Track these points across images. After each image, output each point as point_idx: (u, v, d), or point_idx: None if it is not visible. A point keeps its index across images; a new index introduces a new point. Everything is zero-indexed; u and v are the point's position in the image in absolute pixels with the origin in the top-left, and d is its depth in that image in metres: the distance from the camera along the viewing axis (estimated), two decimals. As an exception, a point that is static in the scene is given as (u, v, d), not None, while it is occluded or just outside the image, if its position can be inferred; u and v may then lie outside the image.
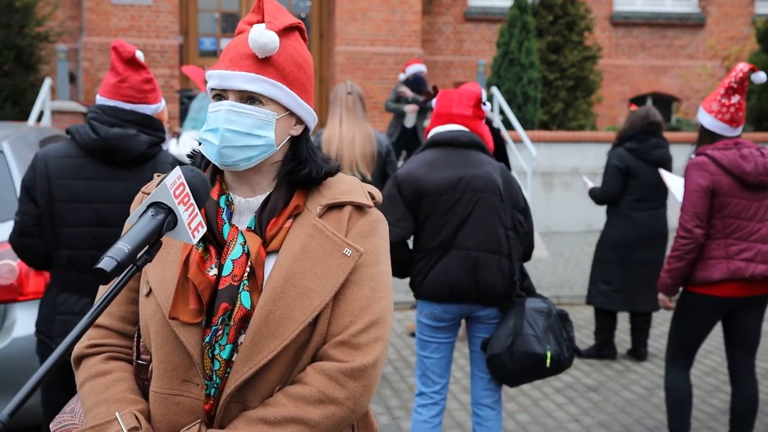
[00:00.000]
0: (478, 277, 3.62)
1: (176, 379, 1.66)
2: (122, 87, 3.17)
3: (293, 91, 1.72)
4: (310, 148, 1.78)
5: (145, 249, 1.44)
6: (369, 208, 1.78)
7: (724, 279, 4.02)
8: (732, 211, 4.03)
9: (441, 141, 3.75)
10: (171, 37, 13.05)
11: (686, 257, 4.05)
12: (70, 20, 13.30)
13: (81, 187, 3.15)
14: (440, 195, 3.65)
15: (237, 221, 1.75)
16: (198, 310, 1.65)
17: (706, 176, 4.01)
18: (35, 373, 1.29)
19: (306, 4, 14.47)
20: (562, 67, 12.91)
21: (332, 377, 1.64)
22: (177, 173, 1.50)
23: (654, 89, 15.73)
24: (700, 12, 15.79)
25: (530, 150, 10.78)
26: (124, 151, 3.13)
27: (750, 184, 4.02)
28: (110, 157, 3.15)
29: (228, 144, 1.67)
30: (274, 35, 1.66)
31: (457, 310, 3.73)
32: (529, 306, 3.65)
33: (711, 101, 4.10)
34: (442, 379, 3.83)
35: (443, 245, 3.66)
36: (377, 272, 1.74)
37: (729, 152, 4.02)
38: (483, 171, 3.68)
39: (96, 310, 1.38)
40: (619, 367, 6.23)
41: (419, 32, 13.72)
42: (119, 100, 3.18)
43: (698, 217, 4.01)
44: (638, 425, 5.04)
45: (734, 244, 4.03)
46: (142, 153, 3.15)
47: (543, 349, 3.56)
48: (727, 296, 4.08)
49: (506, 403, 5.34)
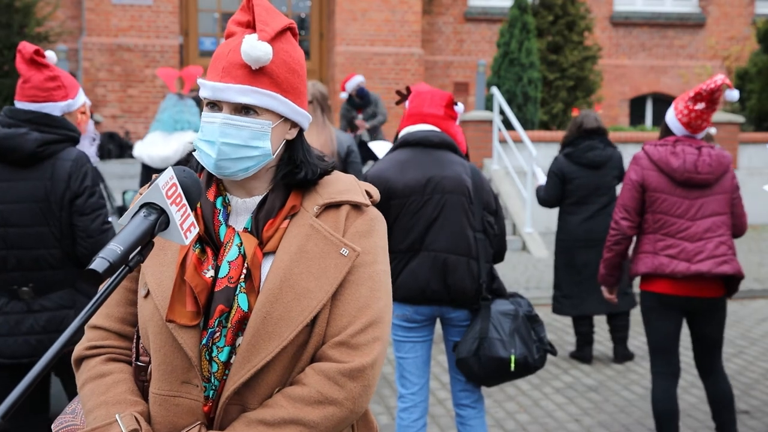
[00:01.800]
0: (448, 279, 3.61)
1: (176, 380, 1.66)
2: (25, 87, 3.22)
3: (288, 98, 1.70)
4: (305, 150, 1.77)
5: (137, 249, 1.44)
6: (366, 207, 1.78)
7: (649, 274, 4.05)
8: (661, 207, 4.05)
9: (411, 141, 3.72)
10: (171, 37, 13.06)
11: (614, 248, 4.19)
12: (71, 20, 13.30)
13: None
14: (409, 196, 3.63)
15: (234, 222, 1.74)
16: (195, 313, 1.64)
17: (637, 170, 4.09)
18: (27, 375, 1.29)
19: (306, 4, 14.47)
20: (563, 67, 12.91)
21: (331, 378, 1.64)
22: (169, 174, 1.50)
23: (654, 89, 15.74)
24: (700, 12, 15.80)
25: (530, 150, 10.78)
26: (13, 150, 3.16)
27: (677, 180, 4.01)
28: (5, 157, 3.19)
29: (225, 157, 1.67)
30: (267, 47, 1.64)
31: (429, 311, 3.72)
32: (495, 309, 3.64)
33: (680, 99, 4.12)
34: (420, 379, 3.79)
35: (413, 247, 3.64)
36: (375, 272, 1.73)
37: (662, 148, 4.05)
38: (453, 172, 3.65)
39: (89, 311, 1.37)
40: (619, 367, 6.23)
41: (419, 32, 13.73)
42: (24, 100, 3.23)
43: (625, 210, 4.11)
44: (638, 425, 5.04)
45: (661, 239, 4.05)
46: (32, 151, 3.16)
47: (507, 353, 3.56)
48: (669, 293, 4.06)
49: (506, 403, 5.34)
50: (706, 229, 4.01)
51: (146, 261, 1.70)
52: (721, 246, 4.00)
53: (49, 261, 3.21)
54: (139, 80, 13.13)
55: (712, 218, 4.03)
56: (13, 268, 3.20)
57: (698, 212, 4.02)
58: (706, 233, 4.01)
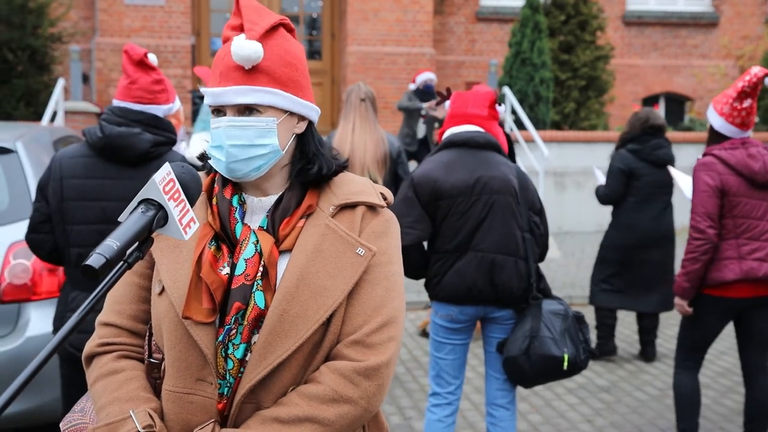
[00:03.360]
0: (495, 278, 3.61)
1: (190, 378, 1.66)
2: (132, 88, 3.26)
3: (288, 92, 1.71)
4: (316, 143, 1.78)
5: (135, 246, 1.43)
6: (381, 208, 1.78)
7: (738, 280, 3.99)
8: (742, 211, 4.01)
9: (457, 141, 3.74)
10: (183, 38, 13.09)
11: (702, 258, 4.01)
12: (83, 21, 13.36)
13: (90, 185, 3.23)
14: (457, 197, 3.64)
15: (249, 220, 1.74)
16: (211, 310, 1.65)
17: (714, 176, 3.99)
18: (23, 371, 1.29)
19: (318, 4, 14.48)
20: (574, 67, 12.87)
21: (346, 376, 1.64)
22: (166, 169, 1.49)
23: (667, 89, 15.66)
24: (713, 11, 15.72)
25: (542, 150, 10.76)
26: (127, 149, 3.20)
27: (759, 182, 3.99)
28: (116, 156, 3.22)
29: (234, 159, 1.67)
30: (256, 44, 1.65)
31: (473, 311, 3.72)
32: (546, 308, 3.64)
33: (722, 103, 4.07)
34: (456, 380, 3.83)
35: (460, 247, 3.65)
36: (390, 272, 1.73)
37: (736, 152, 4.00)
38: (499, 172, 3.67)
39: (86, 308, 1.37)
40: (631, 367, 6.21)
41: (431, 32, 13.70)
42: (129, 101, 3.26)
43: (710, 217, 3.99)
44: (651, 426, 5.01)
45: (746, 243, 4.01)
46: (145, 151, 3.21)
47: (561, 352, 3.55)
48: (740, 297, 4.05)
49: (519, 404, 5.32)
50: None
51: (161, 258, 1.71)
52: None
53: None
54: (152, 80, 13.18)
55: None
56: None
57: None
58: None
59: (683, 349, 4.28)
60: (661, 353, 6.51)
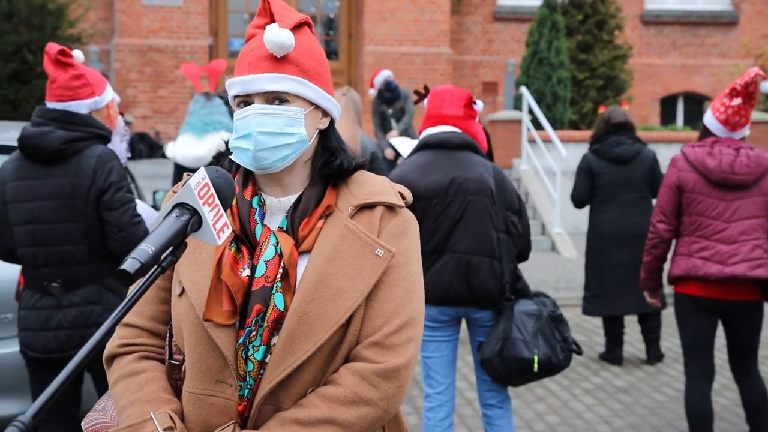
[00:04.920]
0: (471, 280, 3.61)
1: (210, 379, 1.66)
2: (53, 87, 3.28)
3: (315, 84, 1.73)
4: (337, 139, 1.80)
5: (169, 250, 1.44)
6: (400, 208, 1.78)
7: (683, 276, 4.01)
8: (697, 209, 4.00)
9: (432, 143, 3.71)
10: (201, 38, 13.15)
11: (652, 252, 4.14)
12: (102, 22, 13.44)
13: (20, 187, 3.29)
14: (432, 198, 3.63)
15: (269, 221, 1.75)
16: (232, 312, 1.65)
17: (674, 172, 4.04)
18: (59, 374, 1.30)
19: (335, 5, 14.50)
20: (592, 67, 12.82)
21: (365, 378, 1.64)
22: (201, 174, 1.50)
23: (685, 88, 15.57)
24: (732, 10, 15.61)
25: (560, 150, 10.71)
26: (38, 148, 3.23)
27: (713, 181, 3.95)
28: (33, 156, 3.26)
29: (262, 147, 1.68)
30: (289, 33, 1.68)
31: (453, 311, 3.72)
32: (519, 309, 3.62)
33: (717, 99, 4.09)
34: (446, 379, 3.80)
35: (437, 248, 3.65)
36: (409, 273, 1.73)
37: (700, 149, 4.00)
38: (475, 173, 3.65)
39: (121, 311, 1.38)
40: (650, 369, 6.18)
41: (448, 32, 13.70)
42: (52, 100, 3.29)
43: (662, 212, 4.07)
44: (669, 428, 4.99)
45: (696, 241, 4.00)
46: (56, 148, 3.22)
47: (530, 354, 3.55)
48: (702, 296, 4.01)
49: (535, 404, 5.31)
50: (742, 232, 3.95)
51: (181, 259, 1.71)
52: (757, 249, 3.93)
53: (77, 257, 3.27)
54: (170, 81, 13.23)
55: (748, 221, 3.96)
56: (43, 263, 3.28)
57: (734, 214, 3.96)
58: (741, 236, 3.94)
59: (684, 353, 4.25)
60: (678, 354, 6.46)
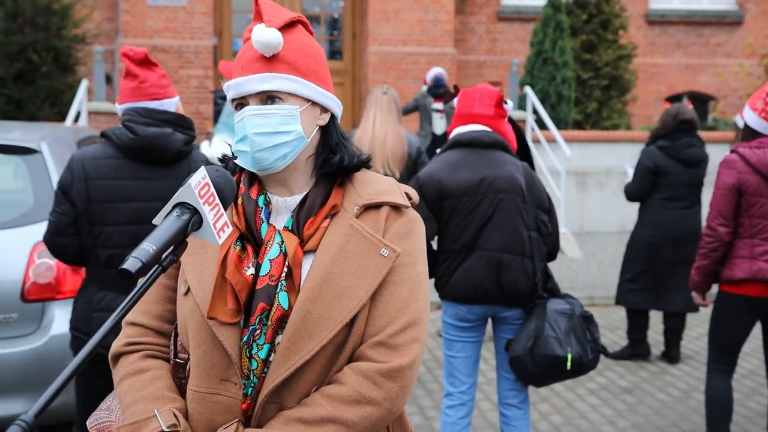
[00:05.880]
0: (501, 278, 3.61)
1: (214, 378, 1.67)
2: (144, 87, 3.26)
3: (309, 80, 1.72)
4: (339, 135, 1.79)
5: (170, 249, 1.44)
6: (406, 208, 1.78)
7: (746, 279, 3.97)
8: (759, 211, 3.97)
9: (463, 141, 3.73)
10: (205, 38, 13.16)
11: (711, 255, 4.06)
12: (107, 22, 13.46)
13: (120, 187, 3.24)
14: (462, 196, 3.64)
15: (274, 220, 1.75)
16: (236, 310, 1.65)
17: (733, 174, 3.98)
18: (59, 375, 1.30)
19: (339, 5, 14.50)
20: (597, 66, 12.80)
21: (369, 377, 1.64)
22: (202, 173, 1.50)
23: (690, 88, 15.54)
24: (737, 9, 15.58)
25: (564, 150, 10.71)
26: (163, 150, 3.22)
27: None
28: (149, 157, 3.24)
29: (259, 147, 1.68)
30: (275, 31, 1.68)
31: (482, 310, 3.73)
32: (551, 308, 3.63)
33: (756, 98, 4.05)
34: (470, 378, 3.82)
35: (466, 246, 3.65)
36: (414, 273, 1.73)
37: (760, 150, 3.97)
38: (505, 171, 3.66)
39: (123, 310, 1.38)
40: (654, 368, 6.17)
41: (452, 32, 13.68)
42: (146, 99, 3.26)
43: (722, 216, 4.00)
44: (674, 428, 4.98)
45: (760, 244, 3.97)
46: (178, 151, 3.24)
47: (564, 352, 3.55)
48: (757, 296, 4.01)
49: (540, 405, 5.31)
50: None
51: (186, 258, 1.72)
52: None
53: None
54: (174, 81, 13.24)
55: None
56: None
57: None
58: None
59: (712, 349, 4.25)
60: (684, 354, 6.46)
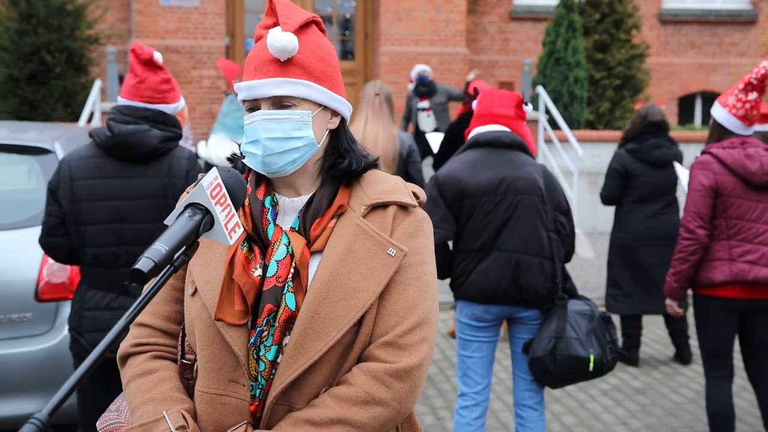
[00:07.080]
0: (520, 279, 3.60)
1: (223, 379, 1.66)
2: (141, 88, 3.27)
3: (322, 85, 1.71)
4: (348, 139, 1.78)
5: (182, 249, 1.44)
6: (413, 207, 1.77)
7: (727, 281, 3.91)
8: (736, 212, 3.92)
9: (483, 141, 3.73)
10: (218, 39, 13.19)
11: (690, 259, 3.96)
12: (120, 23, 13.52)
13: (101, 185, 3.26)
14: (482, 196, 3.63)
15: (281, 221, 1.74)
16: (243, 312, 1.65)
17: (708, 175, 3.92)
18: (73, 373, 1.31)
19: (351, 5, 14.51)
20: (609, 66, 12.75)
21: (378, 378, 1.63)
22: (214, 174, 1.50)
23: (703, 88, 15.46)
24: (752, 8, 15.49)
25: (576, 149, 10.67)
26: (137, 146, 3.22)
27: (755, 184, 3.90)
28: (126, 154, 3.25)
29: (270, 152, 1.68)
30: (291, 36, 1.66)
31: (499, 311, 3.71)
32: (572, 308, 3.61)
33: (728, 95, 4.01)
34: (484, 379, 3.81)
35: (485, 247, 3.64)
36: (423, 272, 1.72)
37: (734, 151, 3.92)
38: (525, 172, 3.66)
39: (134, 311, 1.38)
40: (667, 369, 6.14)
41: (464, 32, 13.66)
42: (138, 100, 3.28)
43: (700, 217, 3.92)
44: (687, 429, 4.95)
45: (738, 245, 3.92)
46: (154, 147, 3.23)
47: (586, 353, 3.53)
48: (735, 298, 3.94)
49: (552, 405, 5.29)
50: None
51: (194, 259, 1.72)
52: None
53: None
54: (187, 81, 13.28)
55: None
56: (124, 263, 3.26)
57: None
58: None
59: (703, 356, 4.18)
60: (697, 355, 6.43)
